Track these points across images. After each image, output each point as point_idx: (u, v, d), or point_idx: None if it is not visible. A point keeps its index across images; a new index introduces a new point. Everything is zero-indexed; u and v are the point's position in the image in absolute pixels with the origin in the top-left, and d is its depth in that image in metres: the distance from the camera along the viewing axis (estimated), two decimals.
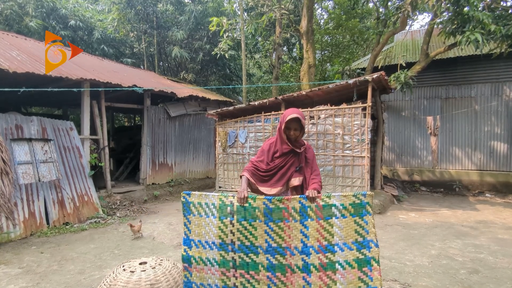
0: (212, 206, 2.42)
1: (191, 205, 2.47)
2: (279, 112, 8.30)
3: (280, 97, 8.35)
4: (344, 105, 7.53)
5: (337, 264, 2.24)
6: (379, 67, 10.69)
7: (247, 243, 2.35)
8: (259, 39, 16.97)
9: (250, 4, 12.12)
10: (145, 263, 2.77)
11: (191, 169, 10.98)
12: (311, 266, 2.26)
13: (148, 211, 7.69)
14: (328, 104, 7.77)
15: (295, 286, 2.27)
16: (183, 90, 10.68)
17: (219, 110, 9.33)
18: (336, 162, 7.64)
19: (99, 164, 7.97)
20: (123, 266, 2.72)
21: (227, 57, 13.25)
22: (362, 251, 2.25)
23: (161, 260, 2.84)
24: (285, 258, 2.30)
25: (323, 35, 18.45)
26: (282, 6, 11.29)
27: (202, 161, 11.37)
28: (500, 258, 4.47)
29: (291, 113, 2.62)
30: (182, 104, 10.57)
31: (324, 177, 7.76)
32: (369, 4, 15.21)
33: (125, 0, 15.33)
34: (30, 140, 6.34)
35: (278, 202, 2.34)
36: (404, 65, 9.88)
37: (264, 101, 8.49)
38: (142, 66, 17.17)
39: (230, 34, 11.80)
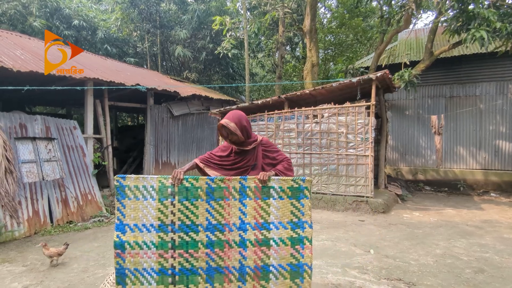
0: (151, 189, 2.40)
1: (126, 188, 2.40)
2: (282, 111, 8.27)
3: (283, 96, 8.32)
4: (347, 104, 7.49)
5: (271, 241, 2.42)
6: (383, 65, 10.65)
7: (188, 222, 2.40)
8: (262, 38, 16.94)
9: (253, 3, 12.10)
10: None
11: None
12: (247, 241, 2.40)
13: None
14: (332, 103, 7.74)
15: (232, 259, 2.39)
16: (186, 89, 10.69)
17: (222, 109, 9.32)
18: (339, 161, 7.61)
19: (103, 163, 7.99)
20: None
21: (230, 56, 13.25)
22: (296, 230, 2.44)
23: None
24: (224, 234, 2.40)
25: (326, 34, 18.39)
26: (285, 5, 11.26)
27: None
28: (506, 258, 4.43)
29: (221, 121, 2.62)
30: (185, 103, 10.58)
31: (328, 176, 7.73)
32: (373, 3, 15.13)
33: None
34: (34, 139, 6.36)
35: (220, 182, 2.43)
36: (408, 63, 9.83)
37: (268, 100, 8.47)
38: (145, 66, 17.20)
39: (233, 33, 11.79)
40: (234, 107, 9.01)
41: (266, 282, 2.40)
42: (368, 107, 7.22)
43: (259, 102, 8.65)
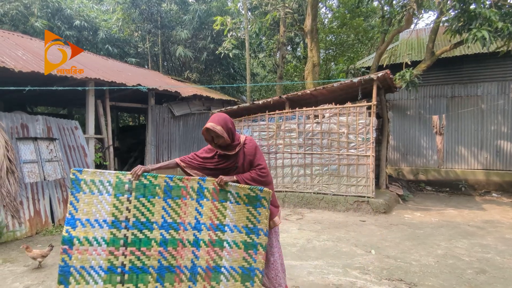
0: (107, 184, 2.35)
1: (82, 182, 2.36)
2: (283, 111, 8.27)
3: (284, 96, 8.32)
4: (348, 104, 7.48)
5: (225, 243, 2.44)
6: (384, 65, 10.64)
7: (143, 219, 2.35)
8: (263, 38, 16.97)
9: (254, 3, 12.10)
10: None
11: None
12: (201, 241, 2.41)
13: None
14: (333, 103, 7.74)
15: (184, 259, 2.38)
16: (187, 89, 10.70)
17: (223, 109, 9.32)
18: (340, 161, 7.60)
19: (104, 163, 8.00)
20: None
21: (231, 56, 13.24)
22: (250, 236, 2.48)
23: None
24: (178, 233, 2.39)
25: (328, 34, 18.38)
26: (286, 5, 11.26)
27: None
28: (508, 258, 4.42)
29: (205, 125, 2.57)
30: (186, 103, 10.59)
31: (329, 176, 7.72)
32: (374, 3, 15.12)
33: (130, 0, 15.39)
34: (35, 139, 6.37)
35: (178, 181, 2.43)
36: (409, 63, 9.82)
37: (268, 100, 8.47)
38: (146, 66, 17.22)
39: (234, 33, 11.80)
40: (235, 107, 9.01)
41: (217, 283, 2.40)
42: (369, 107, 7.21)
43: (260, 102, 8.66)
